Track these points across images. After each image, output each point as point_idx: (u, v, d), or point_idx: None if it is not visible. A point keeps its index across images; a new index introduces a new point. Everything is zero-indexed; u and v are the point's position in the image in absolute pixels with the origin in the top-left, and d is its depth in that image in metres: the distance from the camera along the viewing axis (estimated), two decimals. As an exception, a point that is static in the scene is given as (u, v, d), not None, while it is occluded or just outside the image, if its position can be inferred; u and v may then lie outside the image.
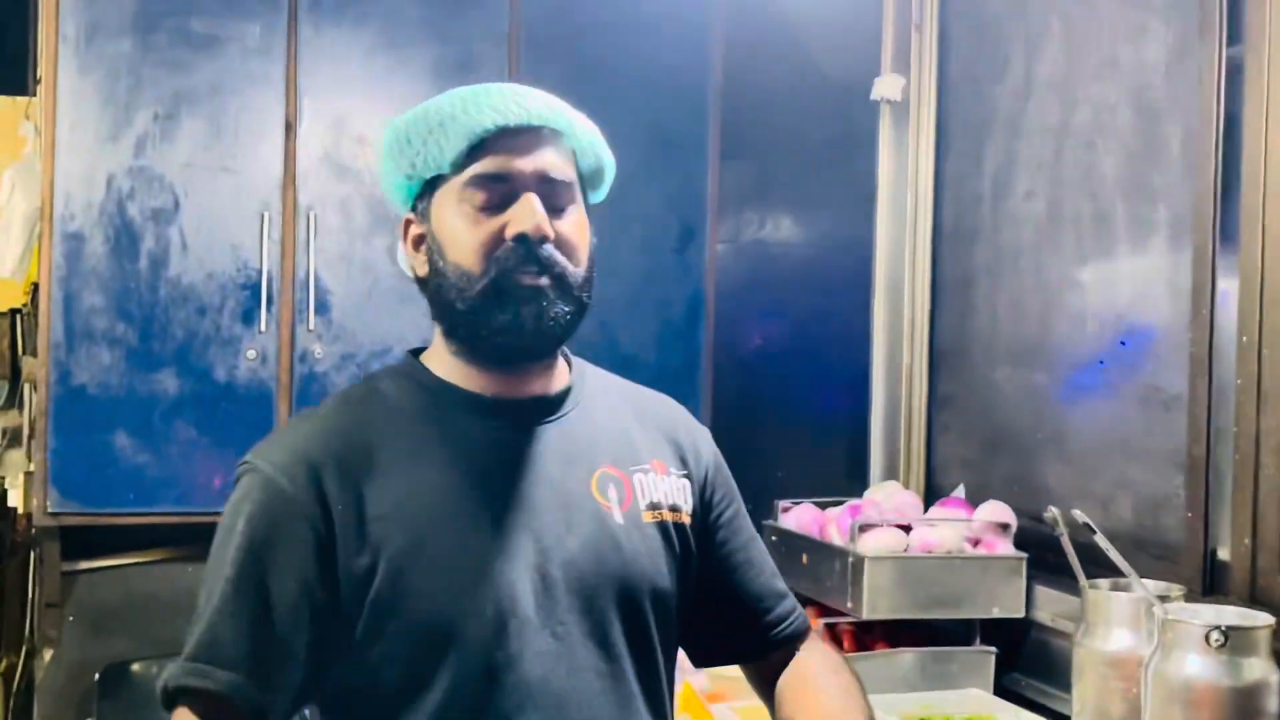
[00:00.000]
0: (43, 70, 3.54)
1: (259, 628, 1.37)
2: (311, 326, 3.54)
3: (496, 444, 1.50)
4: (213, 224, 3.51)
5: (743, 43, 3.88)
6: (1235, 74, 2.49)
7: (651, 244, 3.78)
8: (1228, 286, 2.51)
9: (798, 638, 1.69)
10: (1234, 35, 2.50)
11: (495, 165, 1.46)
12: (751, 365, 4.06)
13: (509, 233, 1.45)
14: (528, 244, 1.45)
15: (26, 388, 4.32)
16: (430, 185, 1.52)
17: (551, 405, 1.56)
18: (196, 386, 3.49)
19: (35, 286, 3.73)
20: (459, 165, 1.47)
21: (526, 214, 1.45)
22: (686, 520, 1.60)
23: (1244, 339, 2.44)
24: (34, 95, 4.18)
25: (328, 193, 3.57)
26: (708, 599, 1.64)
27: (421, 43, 3.63)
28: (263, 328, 3.52)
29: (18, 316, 4.46)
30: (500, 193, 1.46)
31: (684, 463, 1.64)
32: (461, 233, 1.47)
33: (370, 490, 1.43)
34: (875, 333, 3.55)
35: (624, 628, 1.50)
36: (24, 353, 4.26)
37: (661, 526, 1.57)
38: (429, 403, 1.53)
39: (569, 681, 1.45)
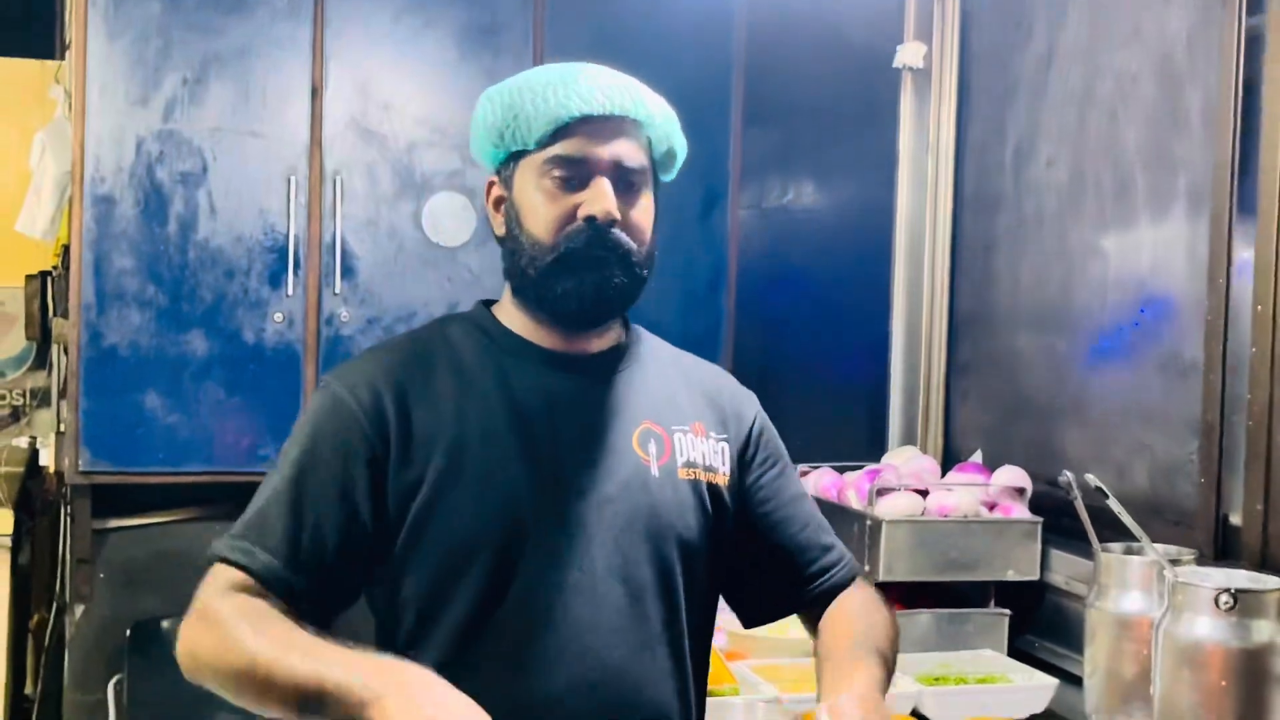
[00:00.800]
0: (72, 34, 3.58)
1: (300, 521, 1.50)
2: (337, 290, 3.58)
3: (547, 390, 1.61)
4: (240, 188, 3.54)
5: (766, 8, 3.88)
6: (1255, 44, 2.50)
7: (674, 210, 3.78)
8: (1246, 255, 2.52)
9: (841, 587, 1.76)
10: (1255, 5, 2.51)
11: (574, 149, 1.57)
12: (773, 331, 4.07)
13: (581, 212, 1.57)
14: (596, 225, 1.56)
15: (55, 349, 4.39)
16: (515, 155, 1.62)
17: (604, 362, 1.67)
18: (225, 348, 3.53)
19: (66, 248, 3.78)
20: (542, 144, 1.58)
21: (598, 197, 1.56)
22: (722, 481, 1.69)
23: (1259, 308, 2.45)
24: (63, 59, 4.22)
25: (354, 158, 3.60)
26: (754, 557, 1.73)
27: (447, 6, 3.65)
28: (289, 291, 3.56)
29: (48, 278, 4.51)
30: (577, 173, 1.58)
31: (725, 427, 1.73)
32: (539, 206, 1.59)
33: (423, 414, 1.55)
34: (895, 299, 3.57)
35: (651, 571, 1.59)
36: (55, 314, 4.31)
37: (695, 485, 1.65)
38: (489, 346, 1.64)
39: (590, 613, 1.54)
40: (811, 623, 1.77)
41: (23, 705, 4.21)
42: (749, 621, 1.83)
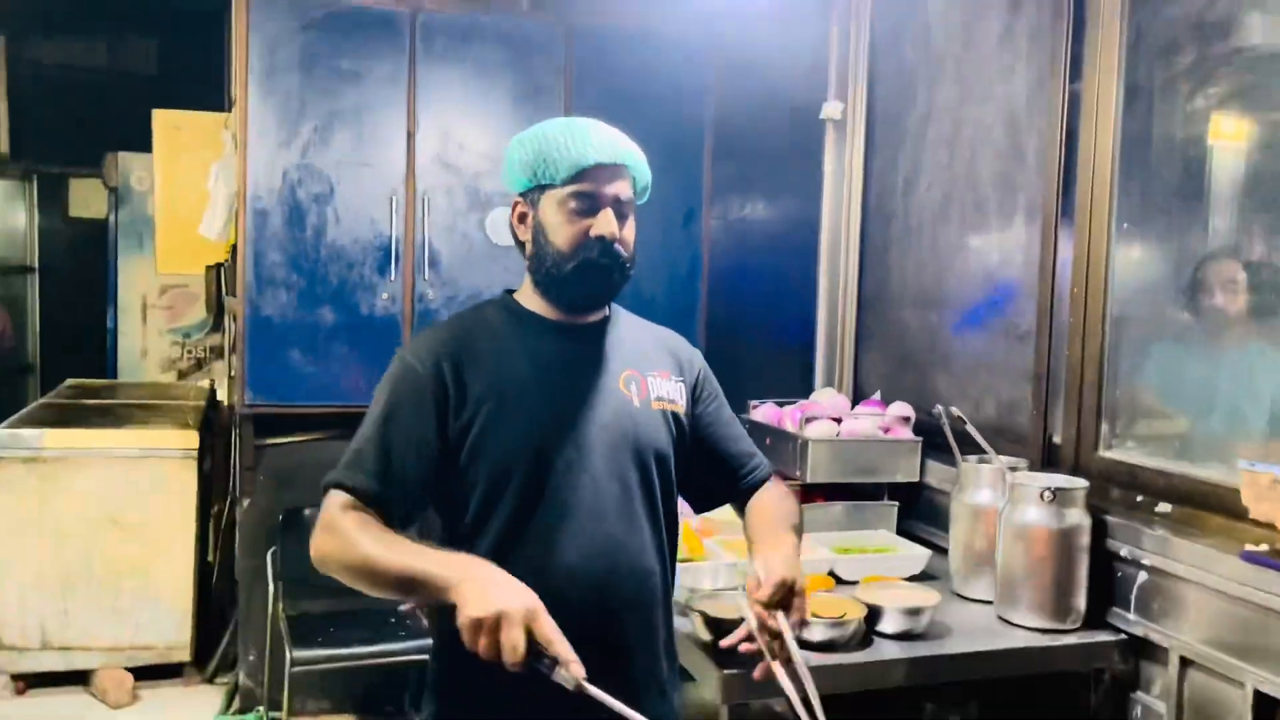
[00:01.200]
0: (236, 94, 3.58)
1: (388, 453, 1.51)
2: (426, 277, 3.60)
3: (558, 351, 1.62)
4: (357, 204, 3.56)
5: (729, 78, 3.89)
6: (1076, 102, 2.50)
7: (664, 221, 3.82)
8: (1067, 254, 2.51)
9: (762, 482, 1.79)
10: (1075, 74, 2.50)
11: (590, 187, 1.58)
12: (734, 306, 4.09)
13: (593, 233, 1.58)
14: (605, 242, 1.58)
15: (227, 318, 4.41)
16: (540, 187, 1.61)
17: (596, 329, 1.67)
18: (347, 318, 3.57)
19: (234, 247, 3.80)
20: (566, 181, 1.58)
21: (606, 223, 1.57)
22: (680, 410, 1.70)
23: (1075, 290, 2.46)
24: (230, 111, 4.22)
25: (437, 182, 3.61)
26: (701, 462, 1.74)
27: (502, 76, 3.66)
28: (392, 278, 3.58)
29: (221, 268, 4.53)
30: (590, 205, 1.58)
31: (681, 372, 1.74)
32: (560, 226, 1.59)
33: (472, 372, 1.56)
34: (820, 283, 3.55)
35: (636, 474, 1.60)
36: (226, 294, 4.33)
37: (664, 413, 1.67)
38: (515, 322, 1.64)
39: (594, 501, 1.55)
40: (740, 509, 1.80)
41: (207, 569, 4.26)
42: (698, 508, 1.84)
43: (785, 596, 1.54)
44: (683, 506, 1.78)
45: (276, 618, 3.43)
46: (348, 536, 1.42)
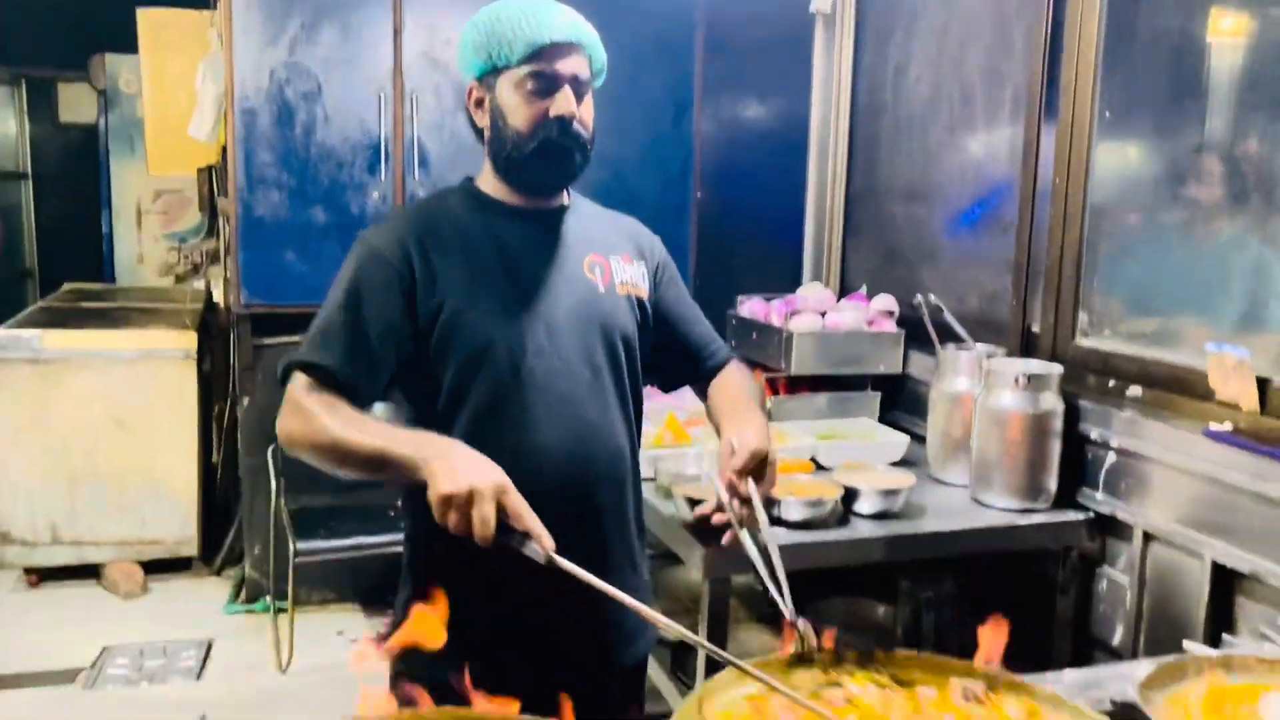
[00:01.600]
0: (221, -9, 3.53)
1: (355, 334, 1.48)
2: (416, 176, 3.60)
3: (521, 236, 1.60)
4: (345, 103, 3.54)
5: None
6: (1062, -7, 2.48)
7: (656, 119, 3.78)
8: (1049, 145, 2.51)
9: (723, 364, 1.79)
10: (1064, -38, 2.48)
11: (546, 67, 1.53)
12: (724, 203, 4.08)
13: (552, 113, 1.53)
14: (564, 122, 1.54)
15: (220, 220, 4.41)
16: (496, 70, 1.57)
17: (558, 214, 1.65)
18: (338, 218, 3.57)
19: (224, 148, 3.78)
20: (521, 61, 1.53)
21: (564, 102, 1.53)
22: (644, 294, 1.70)
23: (1056, 181, 2.48)
24: (215, 9, 4.15)
25: (425, 80, 3.58)
26: (665, 344, 1.74)
27: (489, -30, 3.60)
28: (382, 177, 3.57)
29: (213, 170, 4.51)
30: (547, 85, 1.54)
31: (642, 256, 1.73)
32: (518, 107, 1.54)
33: (438, 257, 1.54)
34: (809, 178, 3.56)
35: (605, 357, 1.61)
36: (219, 195, 4.32)
37: (628, 297, 1.67)
38: (477, 208, 1.62)
39: (566, 384, 1.56)
40: (701, 392, 1.80)
41: (210, 466, 4.34)
42: (665, 388, 1.85)
43: (758, 467, 1.55)
44: (651, 393, 1.79)
45: (279, 512, 3.51)
46: (316, 418, 1.41)
